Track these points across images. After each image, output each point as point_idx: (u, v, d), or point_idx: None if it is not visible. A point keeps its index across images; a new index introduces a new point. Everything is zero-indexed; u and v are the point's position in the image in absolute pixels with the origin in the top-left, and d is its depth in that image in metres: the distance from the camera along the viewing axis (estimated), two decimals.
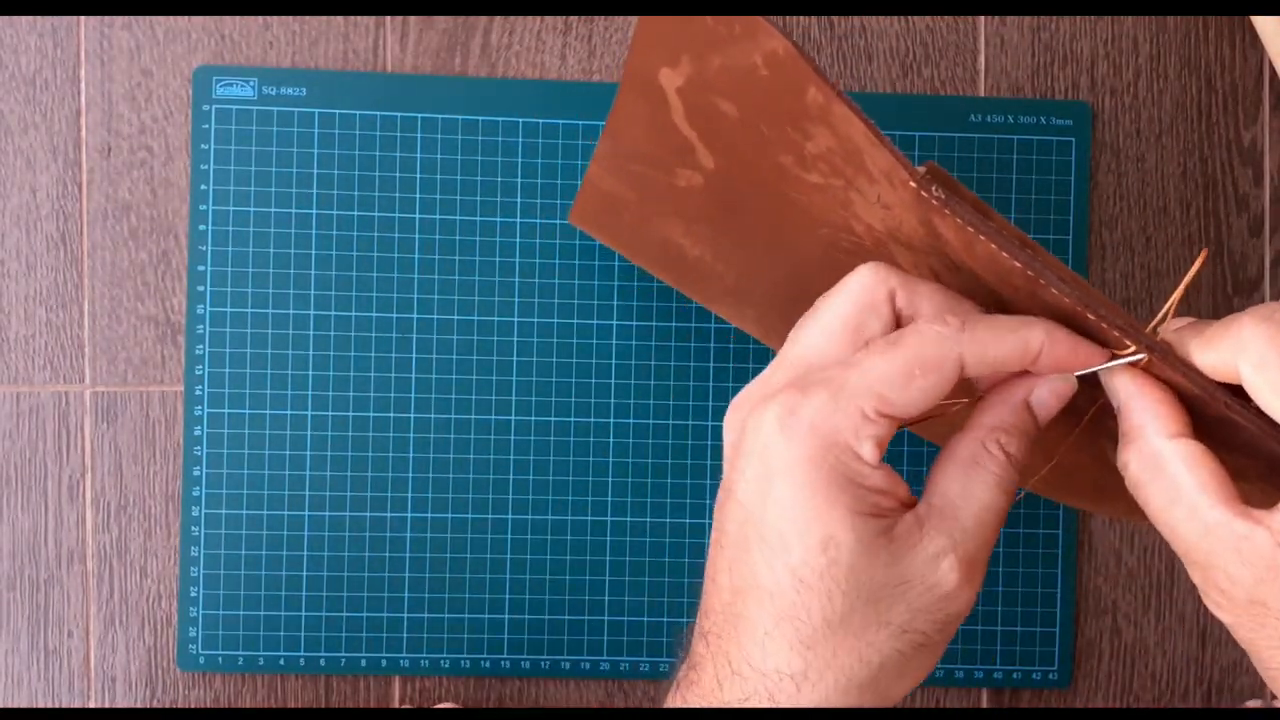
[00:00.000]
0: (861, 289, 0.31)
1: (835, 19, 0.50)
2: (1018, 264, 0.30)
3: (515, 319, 0.49)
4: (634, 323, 0.49)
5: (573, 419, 0.49)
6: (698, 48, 0.32)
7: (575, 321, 0.49)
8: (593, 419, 0.49)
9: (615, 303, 0.49)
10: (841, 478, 0.30)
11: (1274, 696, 0.49)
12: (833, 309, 0.32)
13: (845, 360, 0.31)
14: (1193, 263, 0.51)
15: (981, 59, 0.50)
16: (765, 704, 0.30)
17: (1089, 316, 0.30)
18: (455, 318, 0.49)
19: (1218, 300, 0.51)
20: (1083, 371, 0.31)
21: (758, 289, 0.42)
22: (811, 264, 0.37)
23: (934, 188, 0.29)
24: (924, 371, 0.30)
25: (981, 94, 0.50)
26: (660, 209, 0.41)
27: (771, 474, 0.30)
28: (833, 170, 0.32)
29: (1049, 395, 0.32)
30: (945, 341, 0.30)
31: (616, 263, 0.49)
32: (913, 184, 0.29)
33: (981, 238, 0.29)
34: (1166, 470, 0.30)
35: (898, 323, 0.31)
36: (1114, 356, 0.31)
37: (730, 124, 0.34)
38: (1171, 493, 0.30)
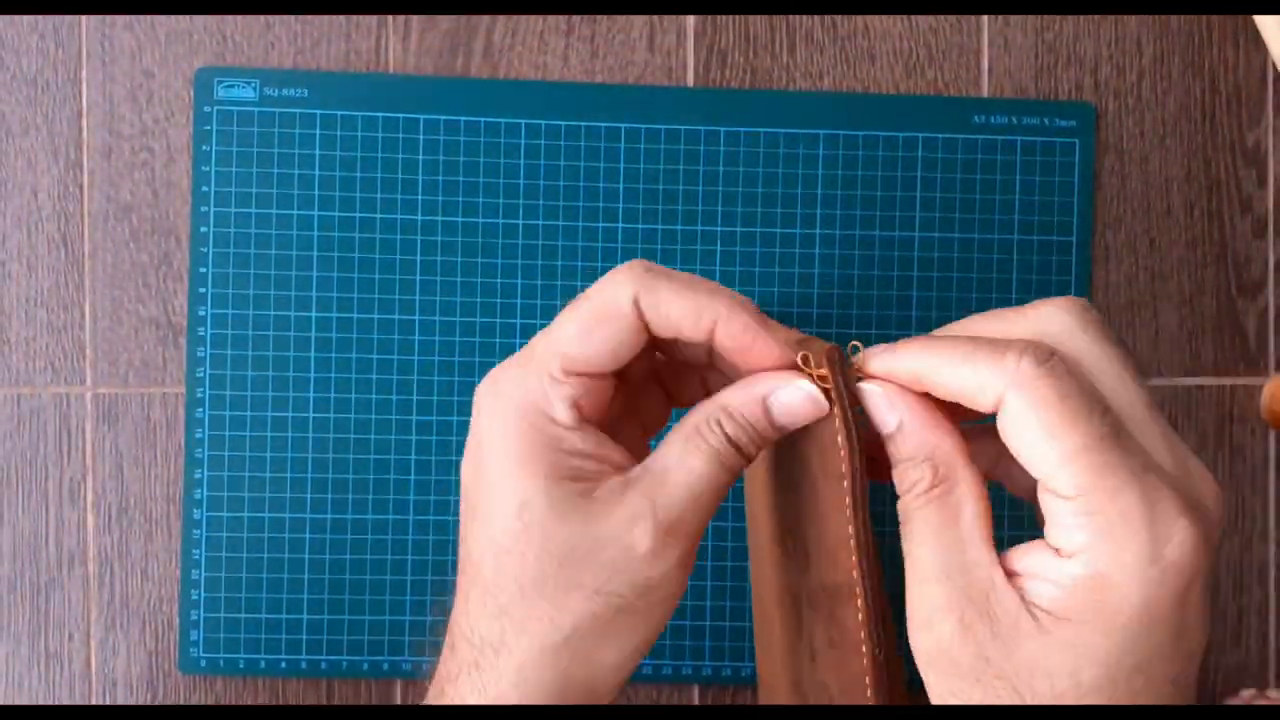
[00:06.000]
0: (603, 298, 0.32)
1: (838, 19, 0.50)
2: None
3: (518, 321, 0.49)
4: None
5: None
6: None
7: None
8: None
9: None
10: (539, 443, 0.30)
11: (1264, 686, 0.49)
12: (577, 313, 0.32)
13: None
14: (1201, 269, 0.51)
15: (985, 60, 0.50)
16: (473, 675, 0.31)
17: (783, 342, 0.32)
18: (457, 319, 0.49)
19: (1221, 303, 0.51)
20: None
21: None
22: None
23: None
24: (599, 322, 0.31)
25: (985, 95, 0.50)
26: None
27: (481, 447, 0.32)
28: None
29: (788, 402, 0.31)
30: (619, 289, 0.31)
31: (618, 264, 0.49)
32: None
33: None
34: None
35: (645, 324, 0.32)
36: (799, 372, 0.32)
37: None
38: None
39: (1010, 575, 0.28)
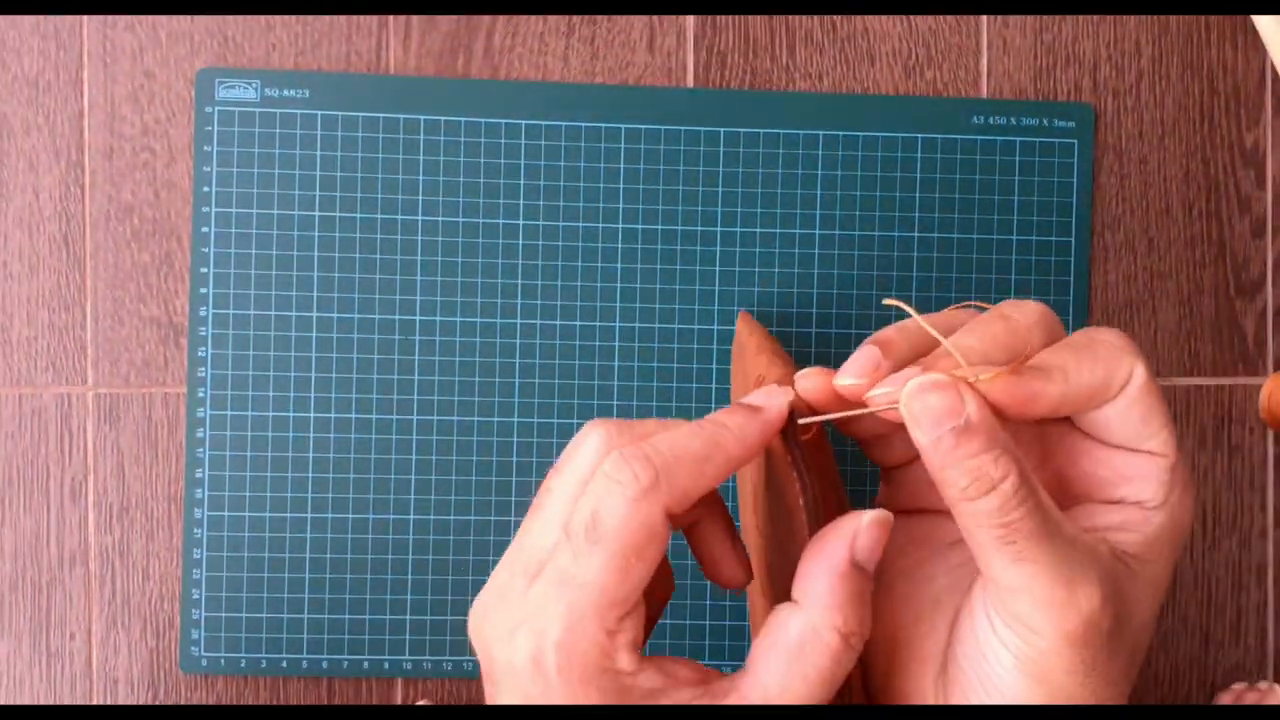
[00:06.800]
0: (631, 526, 0.28)
1: (838, 20, 0.50)
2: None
3: (518, 320, 0.49)
4: (636, 324, 0.49)
5: (575, 421, 0.49)
6: None
7: (577, 323, 0.49)
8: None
9: (617, 304, 0.49)
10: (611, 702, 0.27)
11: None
12: (558, 492, 0.29)
13: (564, 559, 0.28)
14: (1183, 268, 0.51)
15: (984, 61, 0.50)
16: None
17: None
18: (457, 319, 0.49)
19: (1220, 303, 0.51)
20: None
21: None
22: None
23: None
24: (639, 554, 0.27)
25: (984, 96, 0.50)
26: None
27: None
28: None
29: (872, 543, 0.28)
30: (646, 506, 0.27)
31: (618, 265, 0.49)
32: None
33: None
34: None
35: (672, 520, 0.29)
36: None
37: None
38: None
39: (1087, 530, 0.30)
